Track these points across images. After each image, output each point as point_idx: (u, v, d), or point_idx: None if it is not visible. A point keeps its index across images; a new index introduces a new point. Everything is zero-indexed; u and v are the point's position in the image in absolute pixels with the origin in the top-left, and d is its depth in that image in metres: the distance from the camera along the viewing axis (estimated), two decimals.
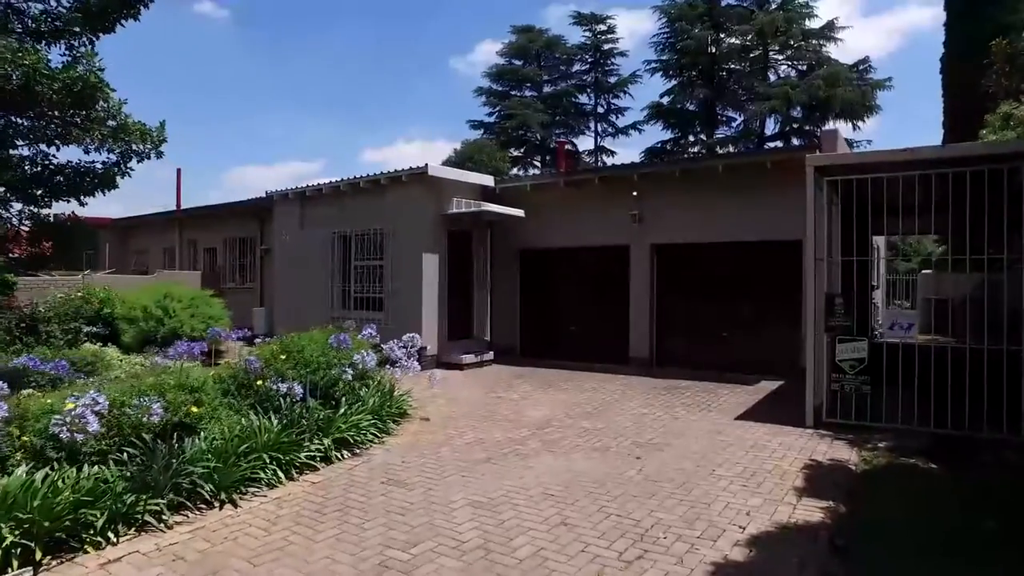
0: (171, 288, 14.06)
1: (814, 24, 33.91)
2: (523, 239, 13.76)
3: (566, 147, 34.16)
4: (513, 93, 40.88)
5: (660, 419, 7.92)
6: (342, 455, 6.21)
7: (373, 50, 70.43)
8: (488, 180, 13.47)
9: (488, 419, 8.05)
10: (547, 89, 41.34)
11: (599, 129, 40.73)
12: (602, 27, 40.87)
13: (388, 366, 8.32)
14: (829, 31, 33.83)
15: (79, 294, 14.63)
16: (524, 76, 40.81)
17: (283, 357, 7.01)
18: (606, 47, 41.16)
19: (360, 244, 13.36)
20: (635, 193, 12.07)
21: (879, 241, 14.08)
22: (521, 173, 31.58)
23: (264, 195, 15.30)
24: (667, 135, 36.90)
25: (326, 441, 6.11)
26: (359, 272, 13.43)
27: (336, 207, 13.77)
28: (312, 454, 5.89)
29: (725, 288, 11.56)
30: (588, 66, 41.58)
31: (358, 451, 6.46)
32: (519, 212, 12.82)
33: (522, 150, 36.60)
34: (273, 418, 6.02)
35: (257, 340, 10.59)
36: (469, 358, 12.37)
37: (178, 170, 22.14)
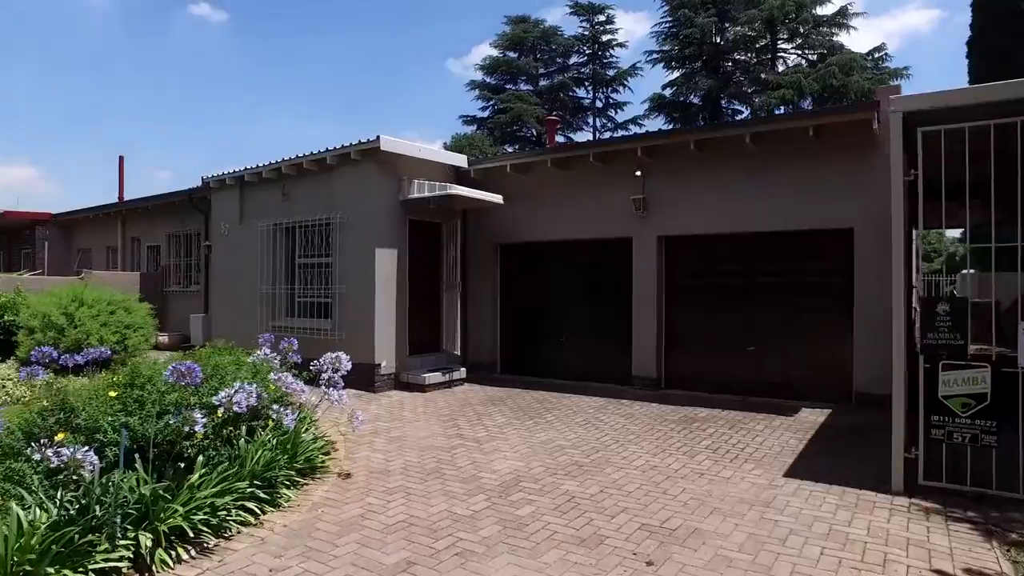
0: (84, 292, 11.74)
1: (825, 11, 31.80)
2: (503, 231, 11.43)
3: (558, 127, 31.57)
4: (508, 87, 38.76)
5: (678, 476, 5.58)
6: (173, 557, 3.86)
7: (367, 53, 68.44)
8: (459, 159, 11.15)
9: (435, 475, 5.71)
10: (543, 83, 39.18)
11: (597, 124, 38.58)
12: (600, 18, 38.79)
13: (306, 394, 6.08)
14: (841, 17, 31.64)
15: None
16: (519, 68, 38.66)
17: (112, 394, 4.68)
18: (605, 38, 39.08)
19: (305, 238, 11.03)
20: (638, 173, 9.76)
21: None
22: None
23: (200, 182, 12.98)
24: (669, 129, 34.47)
25: (144, 537, 3.76)
26: (305, 272, 11.10)
27: (279, 194, 11.46)
28: (108, 567, 3.55)
29: (752, 290, 9.23)
30: (586, 58, 39.45)
31: (209, 546, 4.11)
32: (496, 198, 10.50)
33: (516, 147, 34.37)
34: (51, 506, 3.68)
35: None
36: (434, 377, 10.03)
37: (120, 157, 19.84)
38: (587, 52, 39.45)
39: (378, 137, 9.49)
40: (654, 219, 9.77)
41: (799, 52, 33.40)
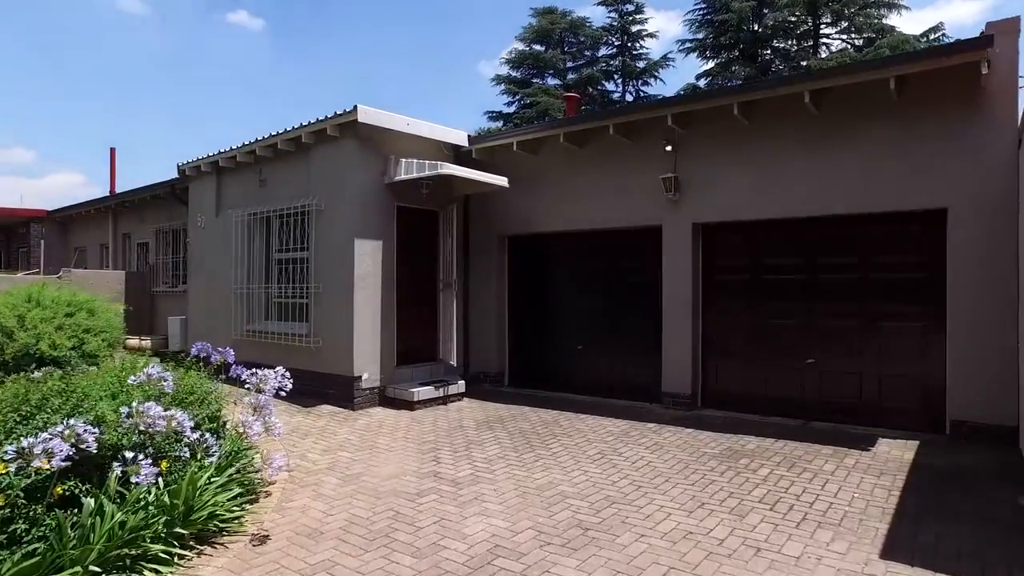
0: (42, 292, 10.51)
1: None
2: (511, 221, 9.83)
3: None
4: (534, 81, 37.24)
5: (723, 552, 3.90)
6: None
7: (395, 53, 67.72)
8: (458, 136, 9.56)
9: (382, 541, 4.13)
10: (571, 76, 37.52)
11: None
12: (630, 7, 36.98)
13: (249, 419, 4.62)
14: None
15: None
16: (546, 62, 37.08)
17: None
18: (634, 29, 37.23)
19: (282, 229, 9.59)
20: (668, 147, 8.06)
21: None
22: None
23: (177, 171, 11.67)
24: None
25: None
26: (282, 268, 9.66)
27: (255, 180, 10.05)
28: None
29: (813, 289, 7.46)
30: (615, 50, 37.68)
31: None
32: (500, 180, 8.90)
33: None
34: None
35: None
36: (425, 392, 8.46)
37: (111, 150, 18.78)
38: (616, 43, 37.70)
39: (355, 107, 7.98)
40: (688, 203, 8.06)
41: (844, 36, 31.12)
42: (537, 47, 37.86)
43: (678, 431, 6.99)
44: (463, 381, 9.08)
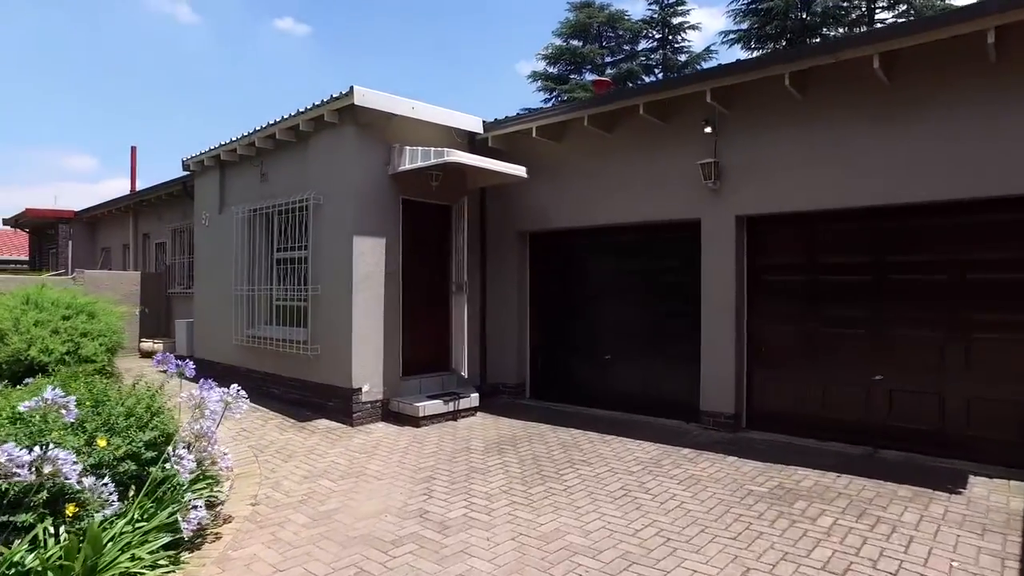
0: (41, 294, 10.03)
1: None
2: (532, 216, 8.88)
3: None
4: (572, 77, 36.18)
5: None
6: None
7: (432, 53, 67.56)
8: (471, 122, 8.63)
9: None
10: (609, 71, 36.29)
11: None
12: None
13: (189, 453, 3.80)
14: None
15: None
16: (583, 57, 35.93)
17: None
18: (676, 21, 35.79)
19: (282, 225, 8.85)
20: (708, 129, 6.98)
21: None
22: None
23: (182, 166, 11.08)
24: None
25: None
26: (282, 268, 8.92)
27: (257, 174, 9.35)
28: None
29: (882, 292, 6.29)
30: (655, 43, 36.31)
31: None
32: (517, 169, 7.95)
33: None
34: None
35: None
36: (432, 407, 7.58)
37: (132, 148, 18.47)
38: (656, 37, 36.32)
39: (351, 88, 7.14)
40: (731, 192, 6.96)
41: (902, 20, 29.11)
42: (575, 42, 36.79)
43: (718, 459, 5.92)
44: (476, 394, 8.16)
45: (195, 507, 3.72)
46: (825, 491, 5.01)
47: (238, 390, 4.45)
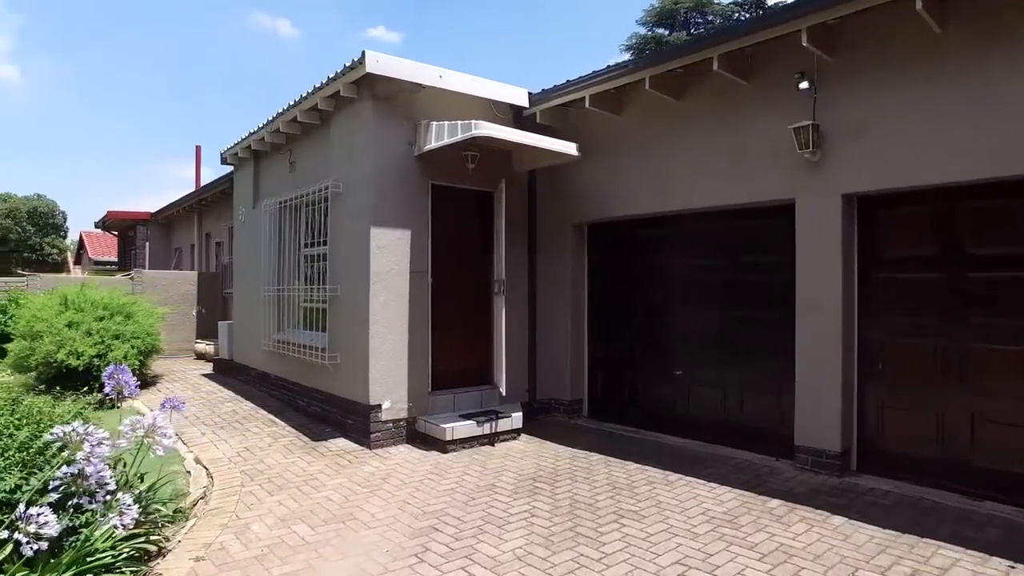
0: (81, 293, 9.69)
1: None
2: (590, 204, 7.54)
3: None
4: None
5: None
6: None
7: (515, 50, 67.05)
8: (513, 93, 7.34)
9: None
10: None
11: None
12: None
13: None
14: None
15: None
16: (670, 45, 33.99)
17: None
18: (770, 1, 33.12)
19: (308, 217, 7.97)
20: (804, 84, 5.41)
21: None
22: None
23: (220, 160, 10.51)
24: None
25: None
26: (308, 266, 8.04)
27: (287, 164, 8.54)
28: None
29: None
30: None
31: None
32: (565, 147, 6.64)
33: None
34: None
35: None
36: (463, 429, 6.40)
37: (197, 147, 18.48)
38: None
39: (363, 54, 6.08)
40: (836, 164, 5.36)
41: None
42: (660, 30, 34.76)
43: (819, 520, 4.39)
44: (519, 413, 6.91)
45: None
46: None
47: (156, 418, 3.43)
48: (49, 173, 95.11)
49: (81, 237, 29.11)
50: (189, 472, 5.66)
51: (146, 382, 9.64)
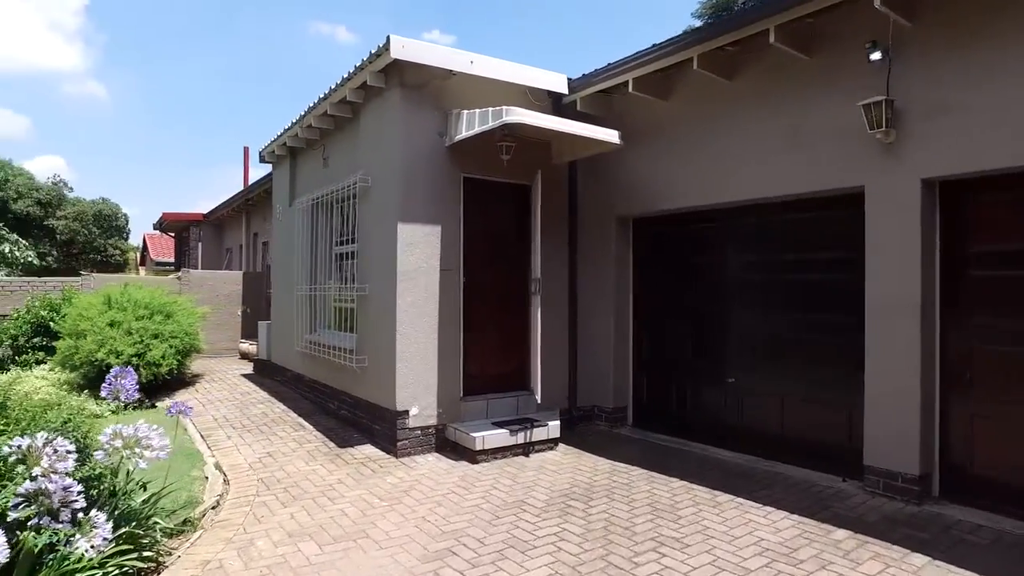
0: (124, 292, 9.75)
1: None
2: (635, 196, 7.01)
3: None
4: None
5: None
6: None
7: (563, 48, 66.44)
8: (551, 79, 6.85)
9: None
10: None
11: None
12: None
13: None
14: None
15: (35, 302, 11.09)
16: None
17: None
18: None
19: (340, 214, 7.72)
20: (876, 54, 4.76)
21: None
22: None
23: (258, 159, 10.42)
24: None
25: None
26: (340, 264, 7.79)
27: (321, 158, 8.32)
28: None
29: None
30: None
31: None
32: (608, 134, 6.13)
33: None
34: None
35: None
36: (495, 438, 5.98)
37: (245, 148, 18.67)
38: None
39: (387, 39, 5.73)
40: (915, 145, 4.68)
41: None
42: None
43: (896, 560, 3.76)
44: (557, 422, 6.44)
45: None
46: None
47: (138, 427, 3.13)
48: (122, 178, 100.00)
49: (144, 239, 30.21)
50: (207, 478, 5.43)
51: (184, 381, 9.61)
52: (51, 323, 10.31)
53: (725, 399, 6.33)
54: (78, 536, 2.68)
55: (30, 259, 17.92)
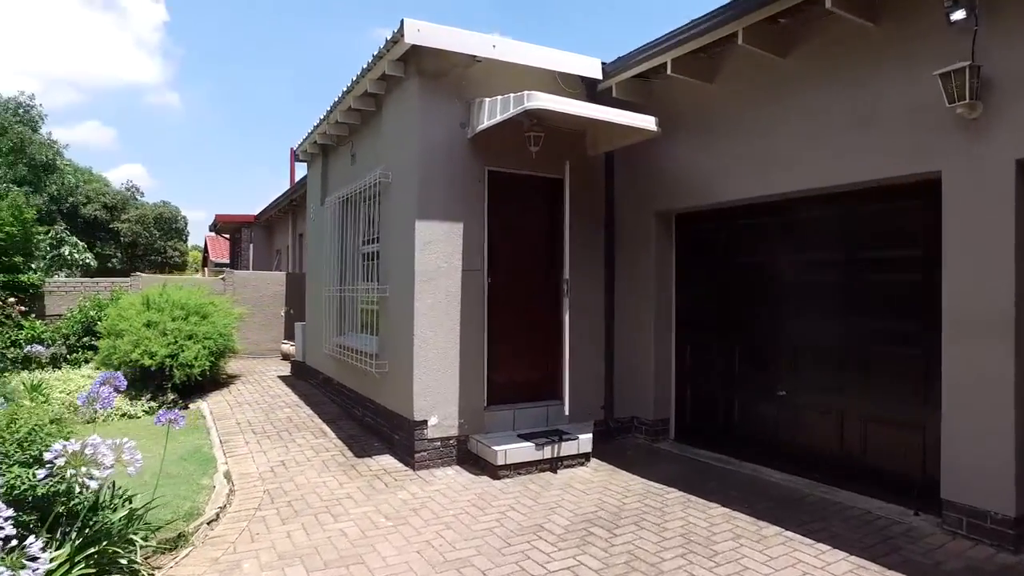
0: (164, 293, 9.76)
1: None
2: (677, 190, 6.41)
3: None
4: None
5: None
6: None
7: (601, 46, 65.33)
8: (584, 64, 6.29)
9: None
10: None
11: None
12: None
13: None
14: None
15: (86, 303, 11.30)
16: None
17: None
18: None
19: (365, 212, 7.41)
20: (957, 14, 4.04)
21: None
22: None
23: (292, 158, 10.27)
24: None
25: None
26: (365, 264, 7.48)
27: (349, 155, 8.06)
28: None
29: None
30: None
31: None
32: (643, 120, 5.57)
33: None
34: None
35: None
36: (519, 452, 5.51)
37: (291, 150, 18.70)
38: None
39: (401, 23, 5.34)
40: (1010, 120, 3.95)
41: None
42: None
43: None
44: (589, 435, 5.90)
45: None
46: None
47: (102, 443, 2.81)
48: (196, 184, 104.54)
49: (205, 242, 31.16)
50: (215, 487, 5.17)
51: (218, 382, 9.55)
52: (98, 322, 10.46)
53: (776, 414, 5.66)
54: (3, 570, 2.37)
55: (88, 260, 18.56)
